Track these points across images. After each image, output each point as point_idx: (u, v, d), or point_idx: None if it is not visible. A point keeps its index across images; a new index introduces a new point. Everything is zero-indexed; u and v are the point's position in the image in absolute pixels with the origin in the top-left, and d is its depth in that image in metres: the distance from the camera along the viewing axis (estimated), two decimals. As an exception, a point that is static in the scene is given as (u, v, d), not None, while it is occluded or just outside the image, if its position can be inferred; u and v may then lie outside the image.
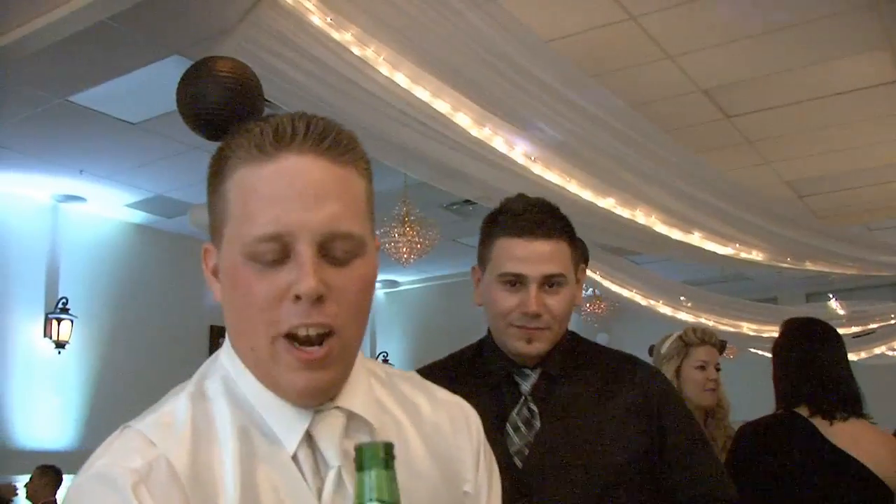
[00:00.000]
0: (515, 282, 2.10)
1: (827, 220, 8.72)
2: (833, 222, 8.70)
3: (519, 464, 2.04)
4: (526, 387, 2.15)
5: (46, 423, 8.25)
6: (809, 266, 8.38)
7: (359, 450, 0.93)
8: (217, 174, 1.21)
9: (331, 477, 1.16)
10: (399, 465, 0.96)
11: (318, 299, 1.12)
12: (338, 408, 1.20)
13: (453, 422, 1.37)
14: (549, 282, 2.09)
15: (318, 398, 1.18)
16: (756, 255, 7.42)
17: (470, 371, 2.21)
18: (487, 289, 2.17)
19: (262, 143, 1.15)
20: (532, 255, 2.07)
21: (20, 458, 7.78)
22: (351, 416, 1.21)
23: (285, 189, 1.13)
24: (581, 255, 2.27)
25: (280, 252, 1.12)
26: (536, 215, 2.10)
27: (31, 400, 8.20)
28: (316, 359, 1.14)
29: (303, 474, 1.16)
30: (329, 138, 1.16)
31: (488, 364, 2.21)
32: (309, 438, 1.18)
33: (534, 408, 2.11)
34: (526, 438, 2.07)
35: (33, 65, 5.50)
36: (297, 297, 1.11)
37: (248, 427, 1.17)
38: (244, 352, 1.19)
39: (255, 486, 1.12)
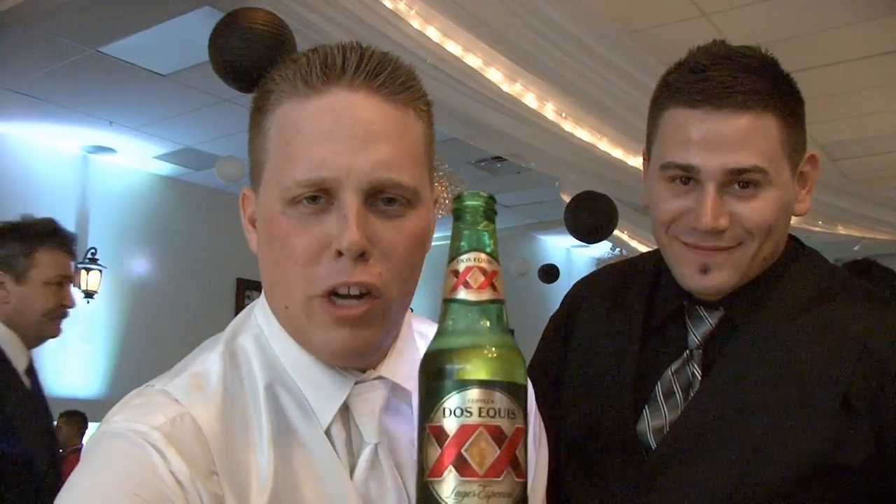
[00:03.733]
0: (685, 177, 1.38)
1: (860, 185, 8.63)
2: (865, 186, 8.60)
3: (652, 443, 1.42)
4: (695, 336, 1.45)
5: (75, 371, 8.34)
6: (841, 230, 8.31)
7: (458, 198, 0.87)
8: (259, 110, 1.08)
9: (365, 454, 1.06)
10: None
11: (362, 256, 1.00)
12: (380, 377, 1.10)
13: None
14: (739, 180, 1.34)
15: (353, 359, 1.07)
16: (787, 218, 7.37)
17: (639, 296, 1.57)
18: (651, 185, 1.46)
19: (309, 75, 1.02)
20: (711, 136, 1.33)
21: (51, 404, 7.87)
22: (394, 388, 1.10)
23: (333, 128, 1.00)
24: (803, 139, 1.43)
25: (323, 199, 1.01)
26: (726, 73, 1.33)
27: (60, 348, 8.27)
28: (354, 316, 1.02)
29: (335, 449, 1.06)
30: (384, 73, 1.03)
31: (660, 292, 1.55)
32: (345, 409, 1.08)
33: (697, 370, 1.43)
34: (676, 412, 1.42)
35: (64, 15, 5.49)
36: (339, 253, 0.99)
37: (281, 395, 1.07)
38: (278, 309, 1.09)
39: (289, 462, 1.03)
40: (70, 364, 8.31)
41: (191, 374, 1.07)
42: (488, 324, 0.81)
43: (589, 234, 6.98)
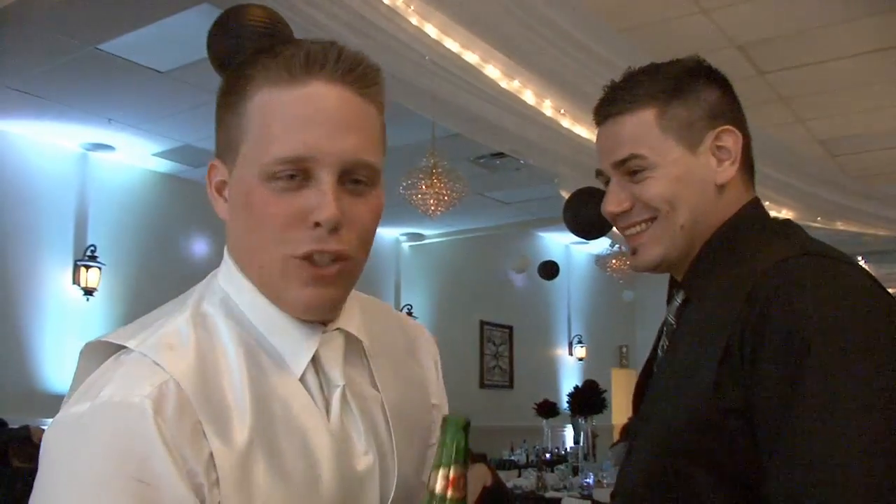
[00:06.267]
0: (606, 181, 1.63)
1: (859, 181, 8.63)
2: (865, 182, 8.60)
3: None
4: (670, 313, 1.64)
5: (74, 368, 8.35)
6: (840, 226, 8.31)
7: (445, 419, 1.12)
8: (235, 92, 1.21)
9: (336, 395, 1.22)
10: (395, 378, 1.30)
11: (335, 227, 1.15)
12: (338, 329, 1.26)
13: (418, 343, 1.50)
14: (626, 169, 1.57)
15: (321, 313, 1.22)
16: (786, 214, 7.36)
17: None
18: None
19: (292, 66, 1.16)
20: (602, 143, 1.62)
21: (50, 401, 7.88)
22: (348, 338, 1.27)
23: (313, 114, 1.15)
24: (699, 119, 1.57)
25: (300, 177, 1.15)
26: (611, 93, 1.62)
27: (60, 345, 8.30)
28: (329, 275, 1.17)
29: (311, 394, 1.20)
30: (358, 70, 1.19)
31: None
32: (313, 360, 1.22)
33: (665, 341, 1.61)
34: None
35: (63, 13, 5.50)
36: (317, 224, 1.14)
37: (254, 348, 1.20)
38: (252, 270, 1.22)
39: (267, 404, 1.15)
40: (69, 361, 8.26)
41: (160, 334, 1.18)
42: None
43: (588, 230, 6.98)
